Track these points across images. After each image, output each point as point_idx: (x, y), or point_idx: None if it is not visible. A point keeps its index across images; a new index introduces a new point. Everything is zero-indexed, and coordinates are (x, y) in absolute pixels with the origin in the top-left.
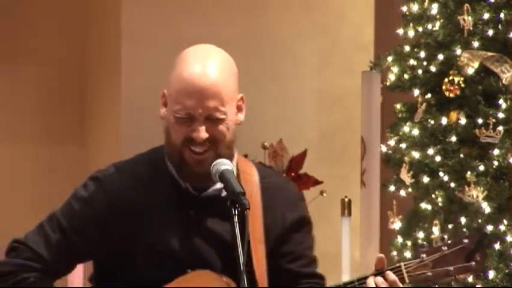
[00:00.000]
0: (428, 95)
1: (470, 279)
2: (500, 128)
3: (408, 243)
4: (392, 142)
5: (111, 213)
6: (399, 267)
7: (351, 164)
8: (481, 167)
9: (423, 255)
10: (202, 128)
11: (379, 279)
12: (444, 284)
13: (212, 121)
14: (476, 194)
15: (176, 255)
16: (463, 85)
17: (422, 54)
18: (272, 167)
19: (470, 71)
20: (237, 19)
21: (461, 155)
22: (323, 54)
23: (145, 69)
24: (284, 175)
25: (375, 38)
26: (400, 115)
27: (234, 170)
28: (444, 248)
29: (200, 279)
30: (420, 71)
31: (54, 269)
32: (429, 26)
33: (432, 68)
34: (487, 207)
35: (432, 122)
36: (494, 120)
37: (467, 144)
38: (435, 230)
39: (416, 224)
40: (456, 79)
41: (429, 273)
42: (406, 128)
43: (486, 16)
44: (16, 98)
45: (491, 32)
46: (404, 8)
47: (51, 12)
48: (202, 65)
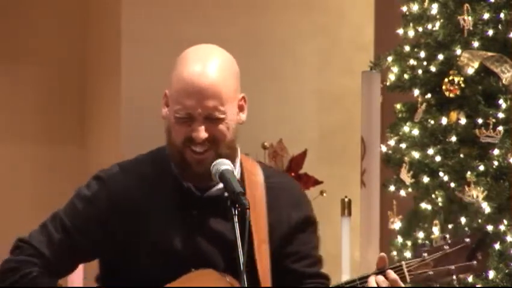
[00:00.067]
0: (428, 95)
1: (470, 279)
2: (500, 128)
3: (408, 243)
4: (392, 142)
5: (114, 213)
6: (401, 266)
7: (351, 164)
8: (481, 167)
9: (425, 254)
10: (201, 128)
11: (380, 278)
12: (445, 283)
13: (212, 121)
14: (476, 194)
15: (179, 255)
16: (463, 85)
17: (422, 54)
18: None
19: (470, 71)
20: (237, 19)
21: (461, 155)
22: (323, 54)
23: (145, 69)
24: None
25: (375, 38)
26: (400, 115)
27: (236, 170)
28: (446, 247)
29: (203, 278)
30: (420, 71)
31: (56, 267)
32: (429, 26)
33: (432, 68)
34: (487, 207)
35: (432, 122)
36: (494, 120)
37: (467, 144)
38: (435, 230)
39: (416, 224)
40: (456, 79)
41: (430, 272)
42: (406, 128)
43: (486, 16)
44: (16, 98)
45: (491, 32)
46: (404, 8)
47: (51, 12)
48: (202, 65)
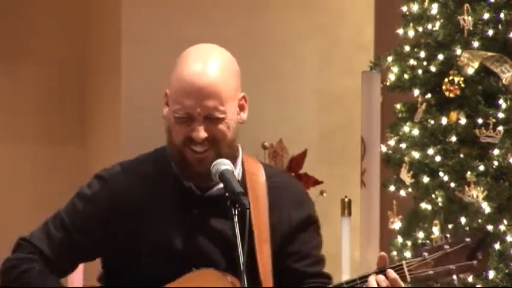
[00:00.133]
0: (428, 95)
1: (470, 279)
2: (500, 128)
3: (408, 243)
4: (392, 142)
5: (115, 212)
6: (401, 265)
7: (351, 164)
8: (481, 167)
9: (425, 253)
10: (201, 127)
11: (380, 277)
12: (446, 283)
13: (211, 120)
14: (476, 194)
15: (180, 254)
16: (463, 85)
17: (422, 54)
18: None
19: (470, 71)
20: (237, 19)
21: (461, 155)
22: (323, 54)
23: (145, 69)
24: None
25: (375, 38)
26: (400, 115)
27: (237, 169)
28: (446, 247)
29: (204, 277)
30: (420, 71)
31: (56, 266)
32: (429, 26)
33: (432, 68)
34: (487, 207)
35: (432, 122)
36: (494, 120)
37: (467, 144)
38: (435, 230)
39: (416, 224)
40: (456, 79)
41: (430, 272)
42: (406, 128)
43: (486, 16)
44: (16, 98)
45: (491, 32)
46: (404, 8)
47: (51, 12)
48: (201, 64)
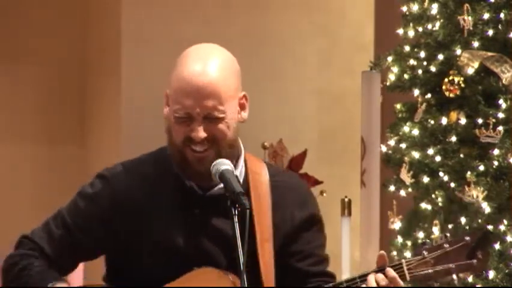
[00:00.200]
0: (428, 95)
1: (470, 279)
2: (500, 128)
3: (408, 243)
4: (392, 142)
5: (116, 212)
6: (401, 264)
7: (351, 164)
8: (481, 167)
9: (425, 252)
10: (200, 127)
11: (380, 276)
12: (445, 282)
13: (211, 120)
14: (476, 194)
15: (181, 254)
16: (463, 85)
17: (422, 54)
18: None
19: (470, 71)
20: (237, 19)
21: (461, 155)
22: (323, 54)
23: (145, 69)
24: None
25: (375, 38)
26: (400, 115)
27: (240, 168)
28: (446, 246)
29: (205, 276)
30: (420, 71)
31: (57, 264)
32: (429, 26)
33: (432, 68)
34: (487, 207)
35: (432, 122)
36: (494, 120)
37: (467, 144)
38: (435, 230)
39: (416, 224)
40: (456, 79)
41: (430, 271)
42: (406, 128)
43: (486, 16)
44: (16, 98)
45: (491, 32)
46: (404, 8)
47: (51, 12)
48: (201, 64)
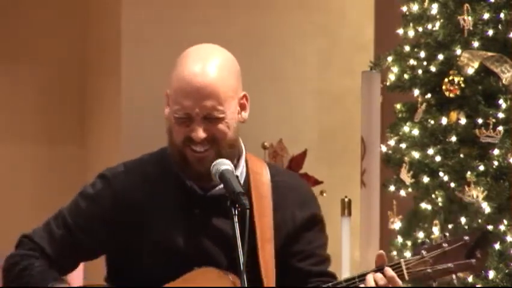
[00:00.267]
0: (428, 95)
1: (470, 279)
2: (500, 128)
3: (408, 243)
4: (392, 142)
5: (117, 212)
6: (399, 263)
7: (351, 164)
8: (481, 167)
9: (424, 251)
10: (200, 128)
11: (378, 276)
12: (445, 282)
13: (210, 120)
14: (476, 194)
15: (182, 254)
16: (463, 85)
17: (422, 54)
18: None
19: (470, 71)
20: (237, 19)
21: (461, 155)
22: (323, 54)
23: (145, 69)
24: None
25: (375, 38)
26: (400, 115)
27: (241, 168)
28: (445, 245)
29: (205, 276)
30: (420, 71)
31: (57, 264)
32: (429, 26)
33: (432, 68)
34: (487, 207)
35: (432, 122)
36: (494, 120)
37: (467, 144)
38: (435, 230)
39: (416, 224)
40: (456, 79)
41: (429, 270)
42: (406, 128)
43: (486, 16)
44: (16, 98)
45: (491, 32)
46: (404, 8)
47: (51, 12)
48: (201, 64)
